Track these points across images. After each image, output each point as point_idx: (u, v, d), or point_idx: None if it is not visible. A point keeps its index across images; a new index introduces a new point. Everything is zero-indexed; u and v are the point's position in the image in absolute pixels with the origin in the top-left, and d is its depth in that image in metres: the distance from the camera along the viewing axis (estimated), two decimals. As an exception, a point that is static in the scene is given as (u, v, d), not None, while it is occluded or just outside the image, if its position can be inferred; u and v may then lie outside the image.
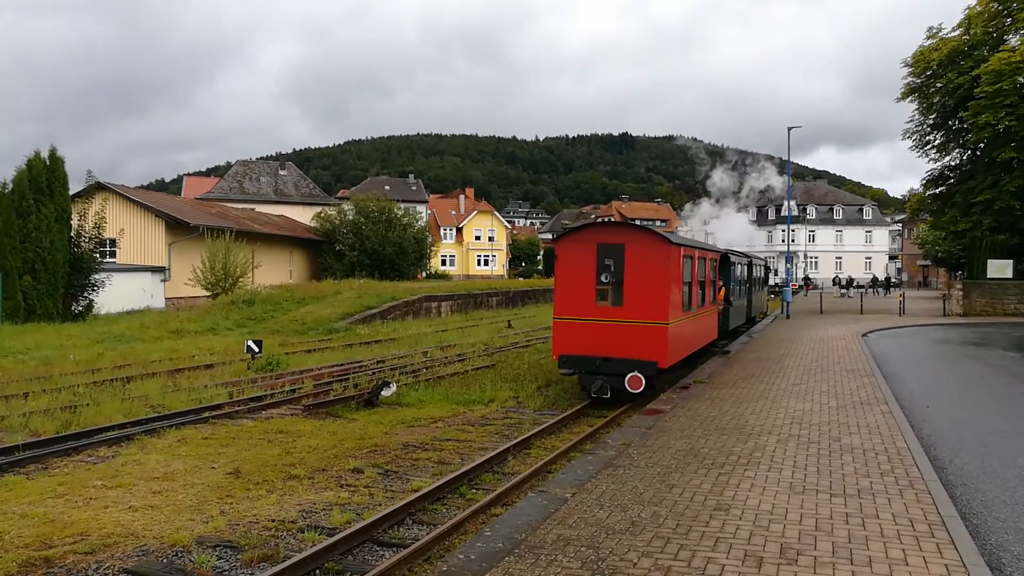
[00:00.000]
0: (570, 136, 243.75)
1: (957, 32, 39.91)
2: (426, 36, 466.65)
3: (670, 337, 12.63)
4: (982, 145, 38.66)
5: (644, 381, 12.31)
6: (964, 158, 42.55)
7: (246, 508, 7.62)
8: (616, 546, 5.82)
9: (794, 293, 44.02)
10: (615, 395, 12.64)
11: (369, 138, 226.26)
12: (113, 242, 34.19)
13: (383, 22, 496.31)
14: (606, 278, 12.88)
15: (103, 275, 29.19)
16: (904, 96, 42.14)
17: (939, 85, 40.23)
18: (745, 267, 23.83)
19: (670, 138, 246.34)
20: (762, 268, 29.98)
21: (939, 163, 43.85)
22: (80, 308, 28.15)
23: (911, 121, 43.28)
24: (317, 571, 6.08)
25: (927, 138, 43.07)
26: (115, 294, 30.67)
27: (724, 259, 19.93)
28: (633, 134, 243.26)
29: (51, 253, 26.29)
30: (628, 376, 12.33)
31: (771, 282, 66.60)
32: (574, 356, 12.92)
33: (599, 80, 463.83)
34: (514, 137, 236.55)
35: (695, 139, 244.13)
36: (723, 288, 19.35)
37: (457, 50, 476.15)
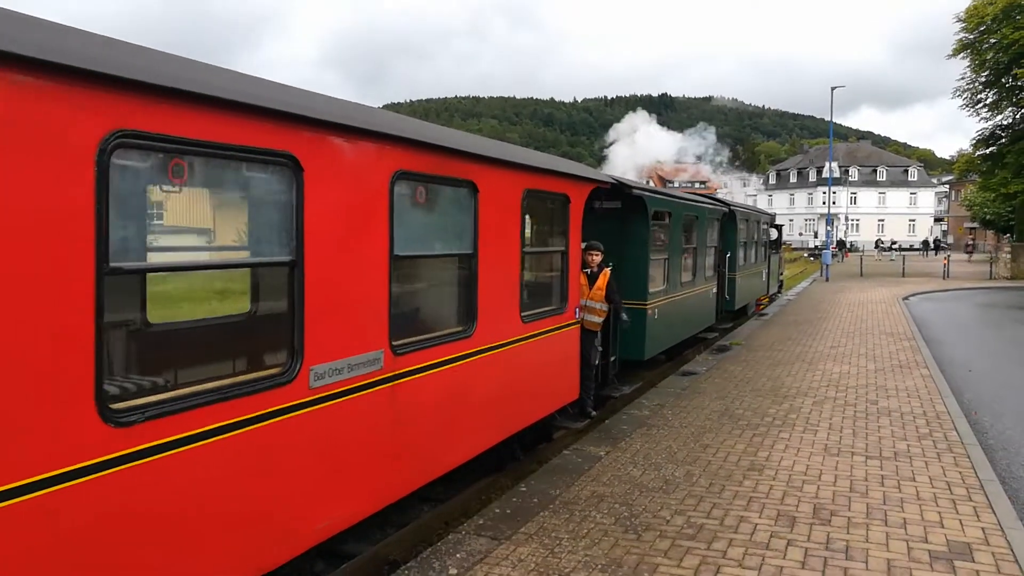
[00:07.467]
0: (608, 97, 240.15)
1: (1014, -16, 38.17)
2: (463, 1, 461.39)
3: None
4: (1037, 104, 37.23)
5: None
6: (1017, 117, 41.03)
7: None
8: (649, 503, 5.90)
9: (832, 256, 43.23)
10: None
11: (408, 101, 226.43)
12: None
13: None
14: None
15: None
16: (955, 53, 40.56)
17: (993, 41, 38.62)
18: (710, 223, 13.99)
19: (709, 99, 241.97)
20: (759, 226, 19.27)
21: (990, 122, 42.36)
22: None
23: (962, 79, 41.74)
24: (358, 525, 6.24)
25: (978, 96, 41.55)
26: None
27: (635, 202, 9.84)
28: (672, 95, 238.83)
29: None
30: None
31: (808, 246, 65.24)
32: None
33: (637, 43, 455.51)
34: (552, 99, 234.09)
35: (735, 99, 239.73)
36: (606, 267, 8.71)
37: (493, 15, 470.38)
